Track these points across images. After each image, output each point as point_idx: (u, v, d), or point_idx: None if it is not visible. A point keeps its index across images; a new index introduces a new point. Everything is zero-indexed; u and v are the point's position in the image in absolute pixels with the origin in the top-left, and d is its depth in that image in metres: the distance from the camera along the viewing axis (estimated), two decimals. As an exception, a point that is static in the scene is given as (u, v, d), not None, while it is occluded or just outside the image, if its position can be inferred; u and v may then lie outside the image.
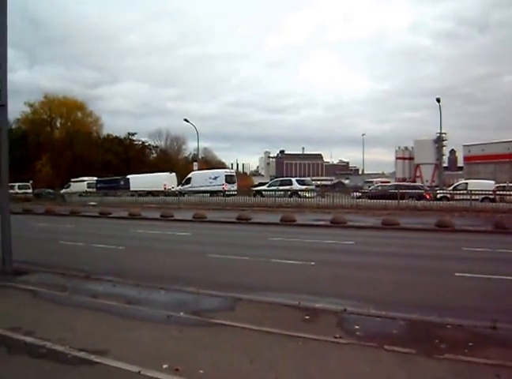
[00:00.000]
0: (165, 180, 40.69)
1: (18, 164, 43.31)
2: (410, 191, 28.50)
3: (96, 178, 48.18)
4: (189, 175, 41.34)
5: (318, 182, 44.85)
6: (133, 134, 78.87)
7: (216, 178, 39.32)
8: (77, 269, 9.40)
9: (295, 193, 32.37)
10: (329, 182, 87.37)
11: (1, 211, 9.38)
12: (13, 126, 66.19)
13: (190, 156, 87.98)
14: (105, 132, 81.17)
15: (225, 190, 35.05)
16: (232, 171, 44.27)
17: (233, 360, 4.44)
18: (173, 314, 5.96)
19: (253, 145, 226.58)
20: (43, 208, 30.42)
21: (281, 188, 34.61)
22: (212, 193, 34.19)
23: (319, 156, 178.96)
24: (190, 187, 38.08)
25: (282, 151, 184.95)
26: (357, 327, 5.42)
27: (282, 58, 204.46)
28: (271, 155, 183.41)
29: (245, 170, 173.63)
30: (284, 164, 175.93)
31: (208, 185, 37.63)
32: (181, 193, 34.42)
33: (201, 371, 4.12)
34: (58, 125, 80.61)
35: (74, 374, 4.14)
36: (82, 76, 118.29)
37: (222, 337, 5.12)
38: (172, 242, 14.76)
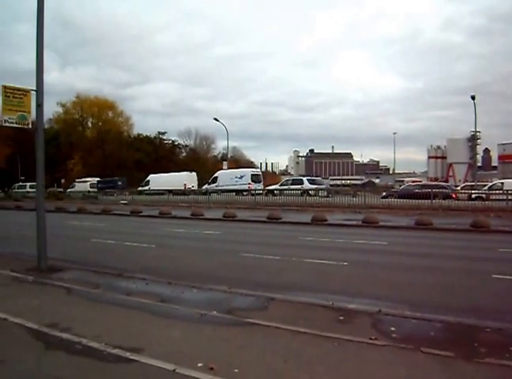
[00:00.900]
0: (185, 179, 41.50)
1: (51, 163, 44.37)
2: (436, 191, 27.84)
3: (97, 179, 50.19)
4: (215, 174, 41.81)
5: (348, 181, 44.44)
6: (163, 133, 79.85)
7: (242, 177, 39.83)
8: (110, 267, 9.52)
9: (306, 192, 32.30)
10: (359, 182, 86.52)
11: (37, 209, 9.61)
12: (47, 126, 67.74)
13: (219, 155, 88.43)
14: (135, 131, 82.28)
15: (251, 189, 35.30)
16: (258, 171, 44.64)
17: (267, 360, 4.40)
18: (206, 313, 5.96)
19: (282, 144, 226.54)
20: (76, 206, 31.05)
21: (292, 187, 35.00)
22: (238, 191, 34.52)
23: (349, 155, 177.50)
24: (216, 186, 38.47)
25: (311, 150, 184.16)
26: (393, 328, 5.31)
27: (312, 56, 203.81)
28: (300, 154, 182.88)
29: (274, 170, 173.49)
30: (314, 163, 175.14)
31: (234, 185, 38.06)
32: (207, 192, 34.99)
33: (236, 370, 4.10)
34: (90, 124, 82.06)
35: (111, 371, 4.17)
36: (113, 77, 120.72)
37: (256, 337, 5.09)
38: (203, 240, 14.81)
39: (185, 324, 5.62)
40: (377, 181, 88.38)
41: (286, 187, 35.57)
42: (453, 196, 27.69)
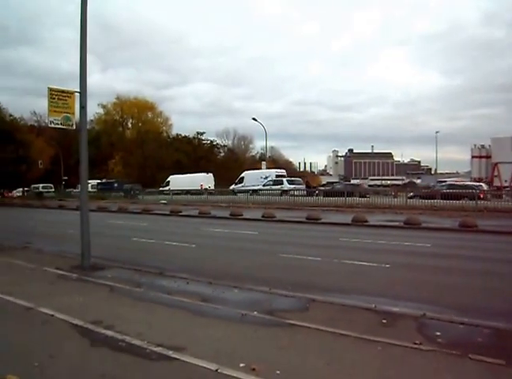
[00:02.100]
0: (202, 180, 43.43)
1: (92, 163, 45.71)
2: (463, 191, 27.95)
3: (98, 181, 53.82)
4: (242, 175, 43.72)
5: (389, 182, 43.75)
6: (201, 134, 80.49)
7: (266, 177, 40.85)
8: (151, 266, 9.63)
9: (285, 192, 34.88)
10: (399, 182, 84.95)
11: (81, 209, 9.84)
12: (88, 127, 69.51)
13: (257, 155, 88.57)
14: (174, 132, 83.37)
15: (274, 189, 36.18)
16: (283, 171, 44.52)
17: (309, 362, 4.35)
18: (247, 313, 5.95)
19: (320, 144, 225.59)
20: (117, 205, 31.71)
21: (274, 187, 37.17)
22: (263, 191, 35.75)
23: (389, 155, 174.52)
24: (243, 186, 40.30)
25: (351, 150, 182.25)
26: (438, 333, 5.14)
27: (349, 55, 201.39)
28: (339, 154, 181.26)
29: (312, 170, 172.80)
30: (353, 163, 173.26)
31: (259, 185, 39.12)
32: (233, 192, 37.33)
33: (278, 372, 4.06)
34: (130, 125, 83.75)
35: (153, 369, 4.20)
36: (153, 78, 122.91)
37: (297, 338, 5.04)
38: (242, 240, 14.85)
39: (226, 323, 5.62)
40: (418, 181, 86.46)
41: (268, 187, 37.61)
42: (481, 196, 26.82)
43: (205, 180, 43.90)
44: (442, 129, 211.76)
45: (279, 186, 37.24)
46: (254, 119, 48.05)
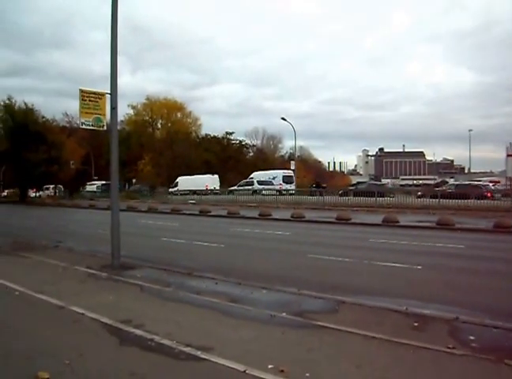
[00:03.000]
0: (208, 181, 45.67)
1: (122, 164, 46.63)
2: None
3: (103, 182, 54.16)
4: (251, 175, 45.55)
5: (421, 181, 43.00)
6: (230, 134, 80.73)
7: (274, 178, 43.13)
8: (180, 266, 9.67)
9: (255, 192, 38.58)
10: (431, 181, 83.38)
11: (111, 208, 9.96)
12: (119, 128, 70.62)
13: (286, 155, 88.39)
14: (203, 132, 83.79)
15: (281, 189, 38.40)
16: (290, 172, 45.85)
17: (339, 365, 4.28)
18: (276, 314, 5.90)
19: (350, 143, 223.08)
20: (146, 205, 32.08)
21: (246, 187, 41.07)
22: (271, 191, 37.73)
23: (421, 154, 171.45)
24: (253, 187, 41.68)
25: (381, 149, 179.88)
26: (472, 337, 4.98)
27: (379, 53, 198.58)
28: (370, 153, 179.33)
29: (342, 169, 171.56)
30: (384, 163, 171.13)
31: (268, 185, 41.15)
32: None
33: (307, 374, 3.99)
34: (159, 125, 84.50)
35: (182, 369, 4.20)
36: (182, 79, 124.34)
37: (326, 340, 4.97)
38: (271, 241, 14.80)
39: (255, 324, 5.59)
40: (451, 181, 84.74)
41: (242, 188, 41.54)
42: (488, 195, 27.10)
43: (210, 181, 46.06)
44: (476, 128, 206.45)
45: (250, 187, 41.07)
46: (283, 119, 47.91)
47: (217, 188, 45.06)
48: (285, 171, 46.10)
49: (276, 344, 4.85)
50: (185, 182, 47.26)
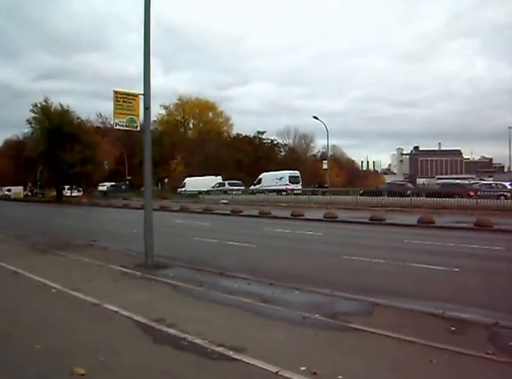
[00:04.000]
0: (212, 182, 48.90)
1: (155, 163, 47.41)
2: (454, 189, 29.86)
3: (112, 183, 61.91)
4: (260, 176, 48.06)
5: (457, 181, 42.03)
6: (262, 133, 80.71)
7: (281, 178, 45.19)
8: (212, 265, 9.69)
9: (225, 192, 43.55)
10: (468, 181, 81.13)
11: (144, 208, 10.07)
12: (151, 128, 71.54)
13: (319, 154, 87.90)
14: (235, 131, 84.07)
15: (288, 189, 40.58)
16: (296, 173, 47.39)
17: (373, 368, 4.20)
18: (308, 316, 5.84)
19: (383, 142, 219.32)
20: (179, 205, 32.38)
21: (219, 188, 46.07)
22: (278, 191, 39.86)
23: (458, 152, 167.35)
24: (261, 187, 44.63)
25: (416, 148, 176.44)
26: (512, 343, 4.82)
27: (414, 49, 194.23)
28: (404, 151, 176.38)
29: (376, 168, 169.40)
30: (419, 161, 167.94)
31: (274, 185, 43.40)
32: (253, 192, 42.25)
33: (340, 377, 3.93)
34: (191, 125, 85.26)
35: (214, 369, 4.20)
36: (213, 79, 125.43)
37: (360, 343, 4.89)
38: (303, 241, 14.71)
39: (287, 325, 5.55)
40: (489, 180, 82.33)
41: (215, 189, 46.46)
42: (471, 194, 28.02)
43: (214, 182, 49.09)
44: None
45: (222, 187, 46.39)
46: (315, 117, 47.58)
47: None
48: (291, 172, 47.51)
49: (308, 346, 4.80)
50: (192, 183, 50.68)
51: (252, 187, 46.20)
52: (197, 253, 12.06)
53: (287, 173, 46.91)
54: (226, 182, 48.17)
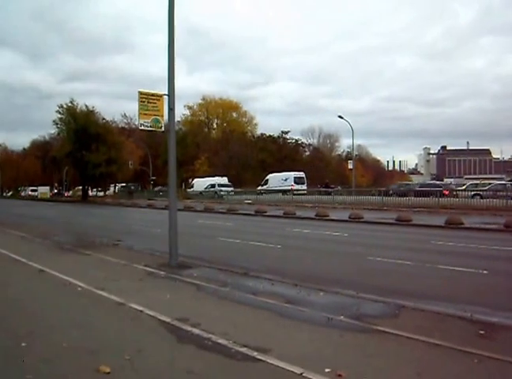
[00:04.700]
0: (218, 182, 50.93)
1: (179, 164, 47.92)
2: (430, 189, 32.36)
3: (123, 184, 64.72)
4: (267, 177, 49.92)
5: (486, 181, 41.41)
6: (286, 133, 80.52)
7: (286, 179, 47.02)
8: (236, 266, 9.70)
9: (216, 193, 47.15)
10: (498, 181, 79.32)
11: (169, 208, 10.13)
12: (176, 128, 72.15)
13: (344, 154, 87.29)
14: (259, 131, 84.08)
15: (293, 189, 41.59)
16: (301, 174, 49.32)
17: (399, 371, 4.13)
18: (333, 317, 5.78)
19: (410, 141, 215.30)
20: (203, 205, 32.54)
21: (211, 189, 49.37)
22: (284, 192, 41.10)
23: (487, 152, 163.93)
24: (267, 187, 46.60)
25: (443, 147, 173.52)
26: (544, 349, 4.67)
27: (441, 47, 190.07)
28: (431, 151, 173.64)
29: (402, 168, 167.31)
30: (447, 161, 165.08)
31: (280, 186, 44.93)
32: (260, 192, 44.12)
33: (366, 380, 3.88)
34: (215, 125, 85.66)
35: (238, 369, 4.19)
36: (237, 79, 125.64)
37: (386, 346, 4.81)
38: (328, 242, 14.60)
39: (311, 327, 5.49)
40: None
41: (207, 189, 49.61)
42: (446, 193, 30.23)
43: (220, 182, 51.25)
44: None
45: (213, 189, 49.33)
46: (339, 117, 47.22)
47: (231, 188, 50.09)
48: (296, 173, 49.23)
49: (333, 348, 4.75)
50: (200, 184, 53.12)
51: (259, 187, 47.73)
52: (221, 253, 12.07)
53: (292, 174, 48.68)
54: (216, 184, 50.56)
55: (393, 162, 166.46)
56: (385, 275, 9.12)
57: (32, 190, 79.02)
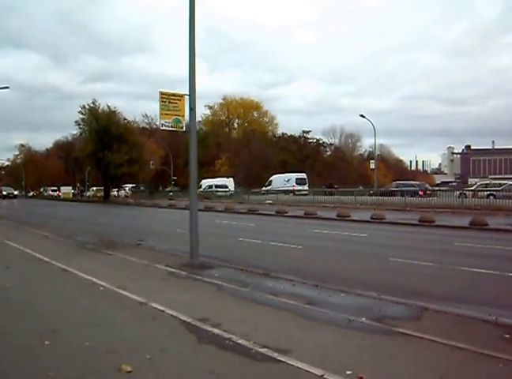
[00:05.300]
0: (225, 183, 52.61)
1: (200, 164, 48.37)
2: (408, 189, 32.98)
3: (134, 185, 65.51)
4: (270, 178, 51.93)
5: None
6: (307, 132, 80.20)
7: (289, 180, 49.54)
8: (257, 266, 9.68)
9: (212, 193, 47.91)
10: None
11: (190, 208, 10.16)
12: (196, 128, 72.56)
13: (366, 153, 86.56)
14: (280, 131, 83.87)
15: (295, 190, 44.22)
16: (303, 175, 51.65)
17: (421, 375, 4.08)
18: (354, 319, 5.73)
19: (433, 141, 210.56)
20: (223, 205, 32.61)
21: (208, 190, 50.44)
22: (286, 192, 43.41)
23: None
24: (271, 188, 48.24)
25: (468, 147, 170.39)
26: None
27: (464, 44, 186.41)
28: (455, 150, 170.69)
29: (425, 168, 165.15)
30: (471, 161, 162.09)
31: (283, 187, 47.07)
32: (264, 193, 45.71)
33: (387, 383, 3.84)
34: (236, 125, 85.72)
35: (259, 370, 4.19)
36: (258, 78, 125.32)
37: (408, 348, 4.75)
38: (350, 243, 14.49)
39: (332, 328, 5.46)
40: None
41: (205, 191, 49.56)
42: (421, 193, 32.29)
43: (226, 183, 52.98)
44: None
45: (210, 189, 50.70)
46: (361, 116, 46.92)
47: (232, 190, 51.44)
48: (298, 174, 51.74)
49: (354, 350, 4.71)
50: (207, 184, 53.99)
51: (263, 188, 49.56)
52: (242, 253, 12.09)
53: (294, 175, 51.29)
54: (213, 185, 52.76)
55: (416, 162, 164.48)
56: (407, 276, 9.03)
57: (52, 190, 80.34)
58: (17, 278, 8.62)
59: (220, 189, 50.29)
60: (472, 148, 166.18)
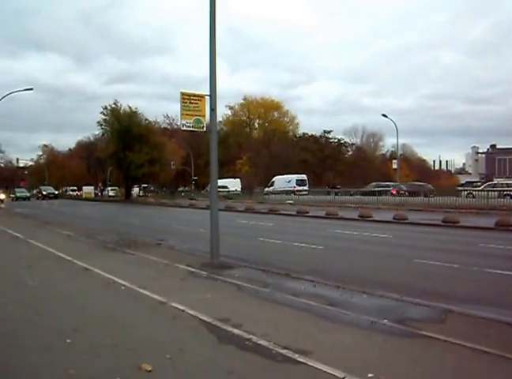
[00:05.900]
0: (229, 184, 52.72)
1: (221, 164, 48.72)
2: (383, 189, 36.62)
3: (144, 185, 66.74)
4: (273, 179, 53.42)
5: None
6: (328, 132, 79.57)
7: (289, 181, 51.04)
8: (277, 266, 9.64)
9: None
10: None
11: (210, 208, 10.17)
12: (217, 128, 72.88)
13: (388, 153, 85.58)
14: (300, 131, 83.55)
15: (295, 190, 45.31)
16: (303, 176, 53.12)
17: (444, 378, 4.00)
18: (376, 321, 5.65)
19: (457, 140, 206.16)
20: (244, 205, 32.63)
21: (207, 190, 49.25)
22: (287, 192, 44.51)
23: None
24: (273, 188, 49.78)
25: (493, 146, 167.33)
26: None
27: (488, 42, 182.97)
28: (479, 150, 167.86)
29: (449, 168, 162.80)
30: (496, 160, 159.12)
31: (284, 187, 48.49)
32: (267, 193, 47.10)
33: (410, 387, 3.77)
34: (256, 125, 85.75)
35: (279, 371, 4.15)
36: (278, 78, 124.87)
37: (431, 351, 4.65)
38: (372, 243, 14.31)
39: (354, 330, 5.38)
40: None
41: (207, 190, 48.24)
42: (393, 192, 35.13)
43: (232, 184, 53.84)
44: None
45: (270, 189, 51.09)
46: (383, 115, 46.40)
47: (238, 190, 52.47)
48: (299, 176, 53.06)
49: (376, 352, 4.64)
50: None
51: (266, 189, 50.72)
52: (262, 253, 12.05)
53: (294, 176, 52.66)
54: (220, 184, 53.11)
55: (440, 161, 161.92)
56: (431, 278, 8.87)
57: (72, 190, 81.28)
58: (39, 276, 8.71)
59: (221, 190, 50.10)
60: (497, 147, 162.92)
